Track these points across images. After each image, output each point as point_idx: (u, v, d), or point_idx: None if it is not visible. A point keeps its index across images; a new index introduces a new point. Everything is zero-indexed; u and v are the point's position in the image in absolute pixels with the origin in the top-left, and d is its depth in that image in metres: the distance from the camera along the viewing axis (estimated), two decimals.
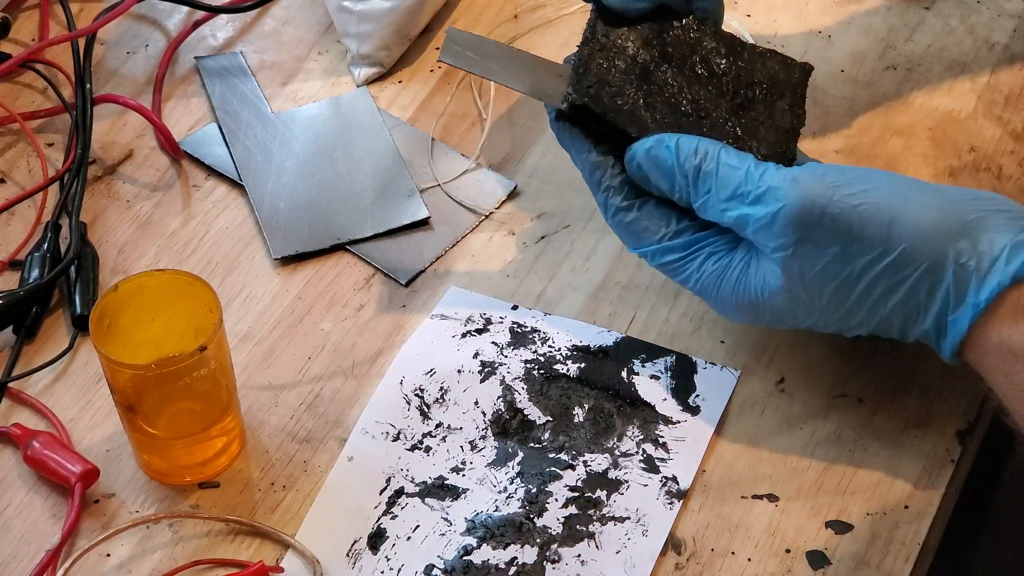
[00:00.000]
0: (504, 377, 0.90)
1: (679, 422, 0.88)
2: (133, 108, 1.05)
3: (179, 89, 1.08)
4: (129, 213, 1.01)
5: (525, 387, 0.90)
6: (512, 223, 0.99)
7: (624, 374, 0.90)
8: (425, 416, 0.89)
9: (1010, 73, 1.04)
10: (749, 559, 0.83)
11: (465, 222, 0.99)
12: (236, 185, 1.02)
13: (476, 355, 0.91)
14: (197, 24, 1.11)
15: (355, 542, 0.84)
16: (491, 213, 0.99)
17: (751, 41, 0.94)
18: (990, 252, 0.79)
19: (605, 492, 0.85)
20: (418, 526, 0.84)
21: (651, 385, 0.89)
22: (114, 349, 0.82)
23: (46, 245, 0.97)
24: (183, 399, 0.85)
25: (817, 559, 0.82)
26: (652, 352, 0.91)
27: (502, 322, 0.93)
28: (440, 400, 0.90)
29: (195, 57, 1.10)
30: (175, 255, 0.98)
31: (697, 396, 0.89)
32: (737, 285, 0.84)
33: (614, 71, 0.88)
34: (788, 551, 0.83)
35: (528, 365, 0.91)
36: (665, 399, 0.89)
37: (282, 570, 0.83)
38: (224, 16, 1.11)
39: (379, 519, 0.85)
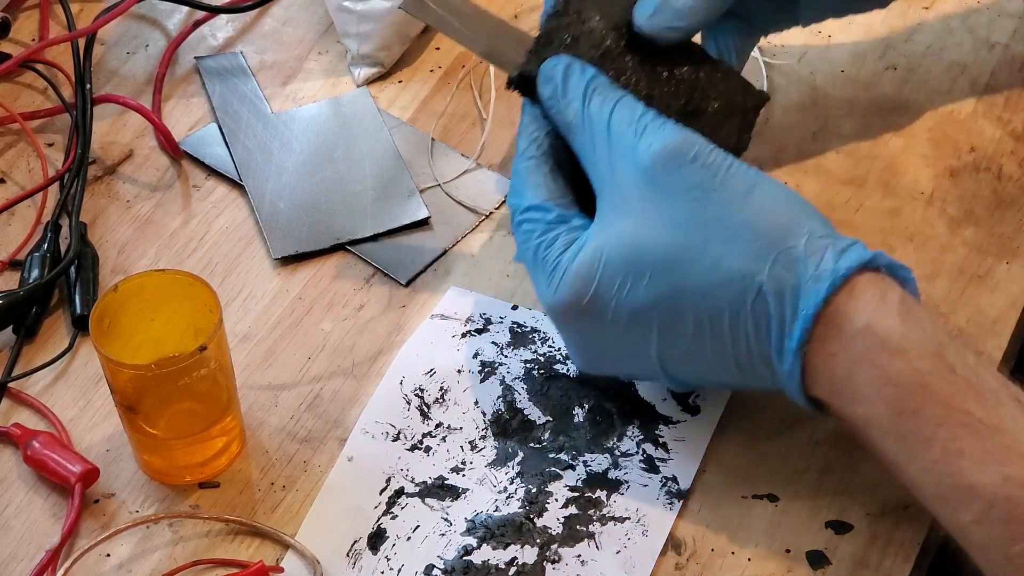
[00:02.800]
0: (504, 377, 0.90)
1: (679, 422, 0.88)
2: (133, 108, 1.05)
3: (179, 89, 1.08)
4: (129, 213, 1.01)
5: (525, 387, 0.90)
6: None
7: None
8: (425, 416, 0.89)
9: (1010, 73, 1.04)
10: (749, 559, 0.83)
11: (465, 222, 0.99)
12: (236, 185, 1.02)
13: (476, 355, 0.91)
14: (197, 24, 1.11)
15: (355, 542, 0.84)
16: (491, 213, 0.99)
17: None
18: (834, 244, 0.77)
19: (605, 492, 0.85)
20: (418, 526, 0.84)
21: (651, 385, 0.89)
22: (114, 349, 0.82)
23: (46, 245, 0.97)
24: (183, 399, 0.85)
25: (817, 559, 0.82)
26: None
27: (502, 322, 0.93)
28: (440, 400, 0.90)
29: (195, 57, 1.10)
30: (175, 255, 0.98)
31: (697, 396, 0.89)
32: (578, 251, 0.81)
33: (576, 50, 0.86)
34: (788, 551, 0.83)
35: (528, 365, 0.91)
36: (665, 399, 0.89)
37: (282, 570, 0.83)
38: (224, 16, 1.11)
39: (379, 519, 0.85)
